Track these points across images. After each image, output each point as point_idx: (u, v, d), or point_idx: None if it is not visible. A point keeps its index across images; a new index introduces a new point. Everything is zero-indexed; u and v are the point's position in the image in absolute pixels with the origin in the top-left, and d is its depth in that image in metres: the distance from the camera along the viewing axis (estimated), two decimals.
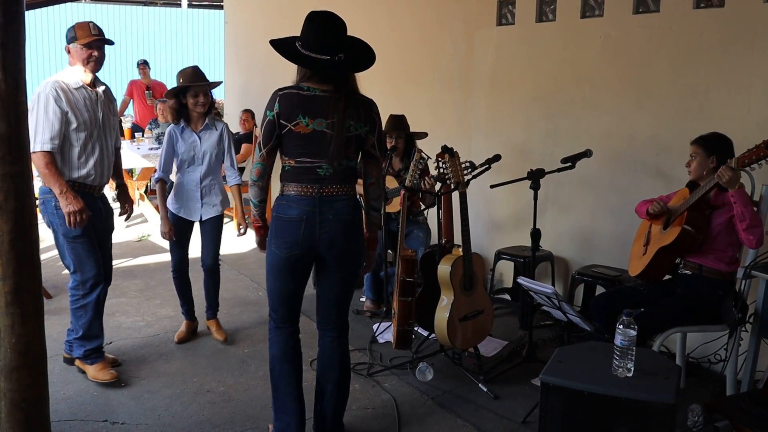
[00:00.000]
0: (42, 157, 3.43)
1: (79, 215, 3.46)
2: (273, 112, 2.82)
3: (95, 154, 3.62)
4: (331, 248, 2.92)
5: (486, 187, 4.32)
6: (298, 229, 2.86)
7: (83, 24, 3.60)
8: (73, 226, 3.47)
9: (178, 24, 21.55)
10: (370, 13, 6.44)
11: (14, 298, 2.24)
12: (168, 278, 5.63)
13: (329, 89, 2.84)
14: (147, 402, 3.60)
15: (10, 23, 2.17)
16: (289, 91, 2.83)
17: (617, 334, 2.56)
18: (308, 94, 2.83)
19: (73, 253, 3.64)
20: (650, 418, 2.45)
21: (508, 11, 5.23)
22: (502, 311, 5.04)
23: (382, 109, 3.00)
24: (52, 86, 3.48)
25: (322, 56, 2.79)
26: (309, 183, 2.86)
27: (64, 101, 3.48)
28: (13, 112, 2.20)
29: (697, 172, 3.52)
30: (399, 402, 3.63)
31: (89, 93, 3.61)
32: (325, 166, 2.86)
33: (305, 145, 2.83)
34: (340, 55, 2.80)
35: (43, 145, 3.43)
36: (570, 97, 4.80)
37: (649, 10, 4.31)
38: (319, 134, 2.83)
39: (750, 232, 3.25)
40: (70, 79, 3.56)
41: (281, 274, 2.96)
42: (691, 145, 3.55)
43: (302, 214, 2.86)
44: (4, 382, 2.29)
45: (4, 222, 2.21)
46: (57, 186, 3.45)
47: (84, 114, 3.55)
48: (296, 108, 2.81)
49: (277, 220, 2.91)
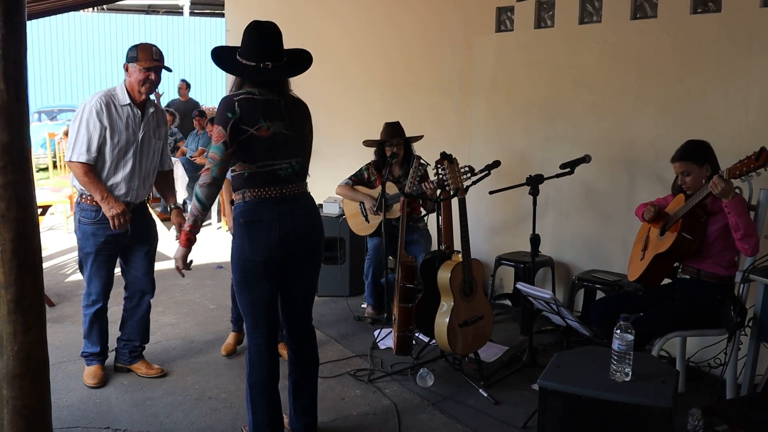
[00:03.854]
0: (79, 167, 3.56)
1: (121, 217, 3.59)
2: (235, 115, 2.79)
3: (125, 170, 3.67)
4: (305, 243, 2.99)
5: (486, 193, 4.34)
6: (273, 229, 2.88)
7: (147, 47, 3.67)
8: (117, 228, 3.60)
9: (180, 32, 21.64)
10: (372, 19, 6.49)
11: (16, 306, 2.26)
12: (170, 285, 5.67)
13: (274, 93, 2.90)
14: (149, 409, 3.62)
15: (12, 33, 2.19)
16: (245, 96, 2.83)
17: (614, 338, 2.56)
18: (262, 99, 2.86)
19: (85, 267, 3.81)
20: (648, 422, 2.46)
21: (506, 17, 5.25)
22: (503, 317, 5.04)
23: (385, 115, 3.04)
24: (98, 99, 3.59)
25: (250, 62, 2.86)
26: (271, 185, 2.90)
27: (105, 116, 3.57)
28: (15, 122, 2.23)
29: (696, 185, 3.44)
30: (400, 408, 3.64)
31: (134, 111, 3.66)
32: (285, 167, 2.91)
33: (267, 148, 2.87)
34: (267, 63, 2.85)
35: (80, 156, 3.55)
36: (569, 102, 4.82)
37: (646, 15, 4.33)
38: (279, 136, 2.88)
39: (745, 241, 3.25)
40: (121, 96, 3.65)
41: (258, 282, 2.94)
42: (677, 162, 3.48)
43: (274, 214, 2.89)
44: (7, 389, 2.30)
45: (7, 231, 2.23)
46: (98, 193, 3.58)
47: (122, 133, 3.62)
48: (257, 112, 2.83)
49: (248, 225, 2.89)
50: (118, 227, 3.60)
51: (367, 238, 5.07)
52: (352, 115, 6.77)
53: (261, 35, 2.87)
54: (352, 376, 3.99)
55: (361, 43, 6.64)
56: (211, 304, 5.30)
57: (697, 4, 4.05)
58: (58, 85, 19.55)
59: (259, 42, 2.86)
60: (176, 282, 5.79)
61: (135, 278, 3.94)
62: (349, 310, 5.14)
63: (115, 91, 3.67)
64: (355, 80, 6.72)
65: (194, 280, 4.51)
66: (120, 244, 3.79)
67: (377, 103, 6.46)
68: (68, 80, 19.61)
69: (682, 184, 3.52)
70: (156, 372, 4.00)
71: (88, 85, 19.30)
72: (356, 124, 6.53)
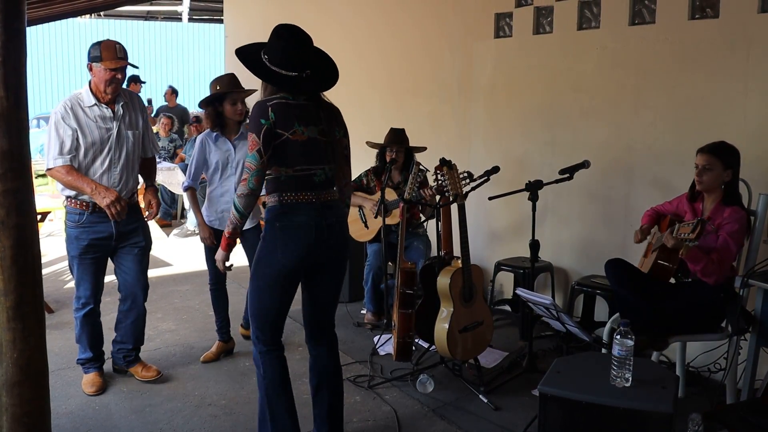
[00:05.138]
0: (59, 170, 3.54)
1: (117, 204, 3.55)
2: (268, 120, 2.79)
3: (101, 170, 3.64)
4: (333, 251, 2.98)
5: (485, 198, 4.34)
6: (309, 234, 2.87)
7: (109, 45, 3.59)
8: (115, 217, 3.57)
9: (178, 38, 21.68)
10: (372, 24, 6.51)
11: (16, 313, 2.25)
12: (169, 292, 5.66)
13: (310, 99, 2.92)
14: (149, 416, 3.61)
15: (11, 40, 2.18)
16: (279, 101, 2.84)
17: (615, 344, 2.56)
18: (296, 103, 2.87)
19: (73, 270, 3.79)
20: (648, 427, 2.46)
21: (505, 23, 5.26)
22: (503, 322, 5.04)
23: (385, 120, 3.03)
24: (63, 104, 3.58)
25: (290, 73, 2.85)
26: (307, 190, 2.88)
27: (72, 119, 3.55)
28: (15, 128, 2.22)
29: (712, 185, 3.41)
30: (400, 414, 3.64)
31: (104, 110, 3.63)
32: (319, 173, 2.91)
33: (303, 152, 2.86)
34: (306, 71, 2.87)
35: (56, 160, 3.54)
36: (568, 108, 4.83)
37: (645, 21, 4.34)
38: (313, 141, 2.88)
39: (705, 276, 3.35)
40: (86, 98, 3.61)
41: (280, 287, 2.93)
42: (703, 154, 3.42)
43: (310, 220, 2.88)
44: (6, 396, 2.29)
45: (6, 237, 2.22)
46: (86, 186, 3.54)
47: (94, 132, 3.60)
48: (291, 117, 2.83)
49: (284, 229, 2.87)
50: (115, 215, 3.56)
51: (367, 244, 5.07)
52: (351, 121, 6.71)
53: (299, 43, 2.87)
54: (352, 383, 3.98)
55: (361, 49, 6.65)
56: (211, 311, 5.27)
57: (695, 9, 4.06)
58: (57, 92, 19.57)
59: (298, 50, 2.86)
60: (175, 288, 5.79)
61: (126, 281, 3.91)
62: (348, 316, 5.13)
63: (80, 94, 3.63)
64: (355, 86, 6.72)
65: (193, 287, 4.49)
66: (106, 247, 3.76)
67: (377, 108, 6.47)
68: (67, 86, 19.62)
69: (698, 178, 3.45)
70: (153, 374, 3.98)
71: None
72: (356, 130, 6.48)
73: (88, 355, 3.90)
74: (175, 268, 6.59)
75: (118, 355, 4.03)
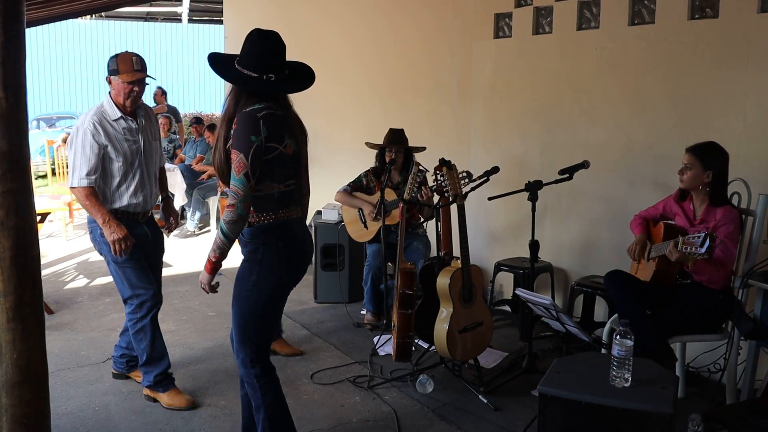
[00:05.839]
0: (81, 191, 3.47)
1: (123, 242, 3.49)
2: (260, 136, 2.60)
3: (135, 182, 3.62)
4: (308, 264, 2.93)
5: (485, 199, 4.34)
6: (304, 250, 2.84)
7: (126, 57, 3.56)
8: (118, 254, 3.50)
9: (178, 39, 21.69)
10: (372, 25, 6.51)
11: (15, 314, 2.25)
12: (169, 293, 5.65)
13: (281, 108, 2.75)
14: (148, 416, 3.61)
15: (11, 41, 2.19)
16: (268, 112, 2.65)
17: (614, 344, 2.56)
18: (280, 114, 2.72)
19: (125, 278, 3.65)
20: (648, 428, 2.46)
21: (505, 24, 5.27)
22: (502, 322, 5.04)
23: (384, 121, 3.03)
24: (90, 120, 3.50)
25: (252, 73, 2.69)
26: (294, 205, 2.82)
27: (103, 135, 3.49)
28: (14, 129, 2.22)
29: (691, 184, 3.49)
30: (400, 414, 3.64)
31: (129, 123, 3.60)
32: (296, 186, 2.83)
33: (292, 166, 2.77)
34: (269, 75, 2.68)
35: (81, 180, 3.46)
36: (567, 108, 4.83)
37: (644, 21, 4.34)
38: (297, 154, 2.79)
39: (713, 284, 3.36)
40: (110, 111, 3.57)
41: (278, 303, 2.88)
42: (687, 153, 3.49)
43: (303, 236, 2.84)
44: (6, 397, 2.29)
45: (6, 238, 2.22)
46: (99, 216, 3.49)
47: (124, 145, 3.56)
48: (281, 129, 2.69)
49: (288, 248, 2.76)
50: (119, 253, 3.50)
51: (366, 244, 5.07)
52: (351, 122, 6.78)
53: (265, 45, 2.69)
54: (351, 383, 3.99)
55: (361, 50, 6.66)
56: (210, 311, 5.30)
57: (695, 9, 4.06)
58: (57, 93, 19.58)
59: (263, 52, 2.68)
60: (175, 289, 5.79)
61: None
62: (348, 316, 5.13)
63: (103, 107, 3.58)
64: (355, 86, 6.74)
65: (193, 288, 4.48)
66: (144, 245, 3.69)
67: (376, 109, 6.47)
68: (67, 87, 19.64)
69: (680, 175, 3.52)
70: None
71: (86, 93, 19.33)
72: (355, 131, 6.54)
73: (165, 365, 3.74)
74: (174, 268, 6.58)
75: (121, 360, 4.00)
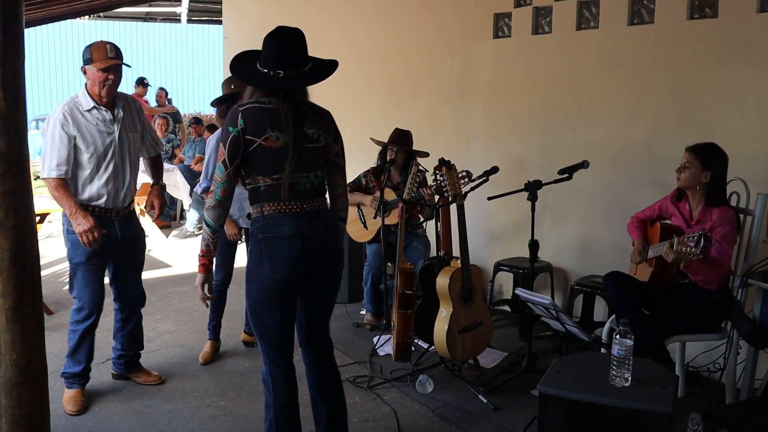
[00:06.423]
0: (50, 182, 3.43)
1: (90, 233, 3.43)
2: (237, 128, 2.65)
3: (107, 174, 3.54)
4: (326, 264, 2.82)
5: (484, 199, 4.34)
6: (294, 245, 2.70)
7: (100, 45, 3.49)
8: (87, 245, 3.45)
9: (177, 39, 21.70)
10: (371, 25, 6.51)
11: (15, 315, 2.25)
12: (168, 293, 5.66)
13: (283, 103, 2.72)
14: (148, 417, 3.61)
15: (10, 42, 2.19)
16: (251, 106, 2.69)
17: (614, 344, 2.56)
18: (271, 107, 2.70)
19: (75, 279, 3.64)
20: (648, 427, 2.46)
21: (504, 24, 5.27)
22: (502, 322, 5.04)
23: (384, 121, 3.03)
24: (61, 110, 3.45)
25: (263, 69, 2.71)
26: (291, 200, 2.73)
27: (72, 125, 3.43)
28: (13, 130, 2.22)
29: (688, 183, 3.48)
30: (399, 414, 3.63)
31: (104, 113, 3.53)
32: (304, 181, 2.75)
33: (279, 160, 2.70)
34: (278, 71, 2.68)
35: (50, 171, 3.42)
36: (567, 108, 4.83)
37: (643, 21, 4.35)
38: (290, 147, 2.71)
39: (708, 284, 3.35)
40: (84, 101, 3.51)
41: (275, 303, 2.76)
42: (686, 152, 3.48)
43: (296, 230, 2.71)
44: (5, 398, 2.29)
45: (5, 239, 2.22)
46: (67, 207, 3.45)
47: (95, 137, 3.49)
48: (263, 122, 2.67)
49: (268, 241, 2.70)
50: (88, 244, 3.45)
51: (366, 244, 5.07)
52: (350, 122, 6.74)
53: (278, 42, 2.70)
54: (351, 383, 3.98)
55: (360, 50, 6.65)
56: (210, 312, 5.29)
57: (694, 9, 4.06)
58: (56, 93, 19.58)
59: (275, 49, 2.69)
60: (174, 290, 5.79)
61: (125, 289, 3.85)
62: (348, 316, 5.13)
63: (77, 98, 3.52)
64: (354, 86, 6.73)
65: (192, 288, 4.49)
66: (110, 254, 3.65)
67: (376, 109, 6.47)
68: (66, 88, 19.64)
69: (678, 173, 3.52)
70: (155, 379, 3.98)
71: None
72: (355, 131, 6.52)
73: (77, 369, 3.72)
74: (174, 269, 6.58)
75: (119, 361, 3.99)
